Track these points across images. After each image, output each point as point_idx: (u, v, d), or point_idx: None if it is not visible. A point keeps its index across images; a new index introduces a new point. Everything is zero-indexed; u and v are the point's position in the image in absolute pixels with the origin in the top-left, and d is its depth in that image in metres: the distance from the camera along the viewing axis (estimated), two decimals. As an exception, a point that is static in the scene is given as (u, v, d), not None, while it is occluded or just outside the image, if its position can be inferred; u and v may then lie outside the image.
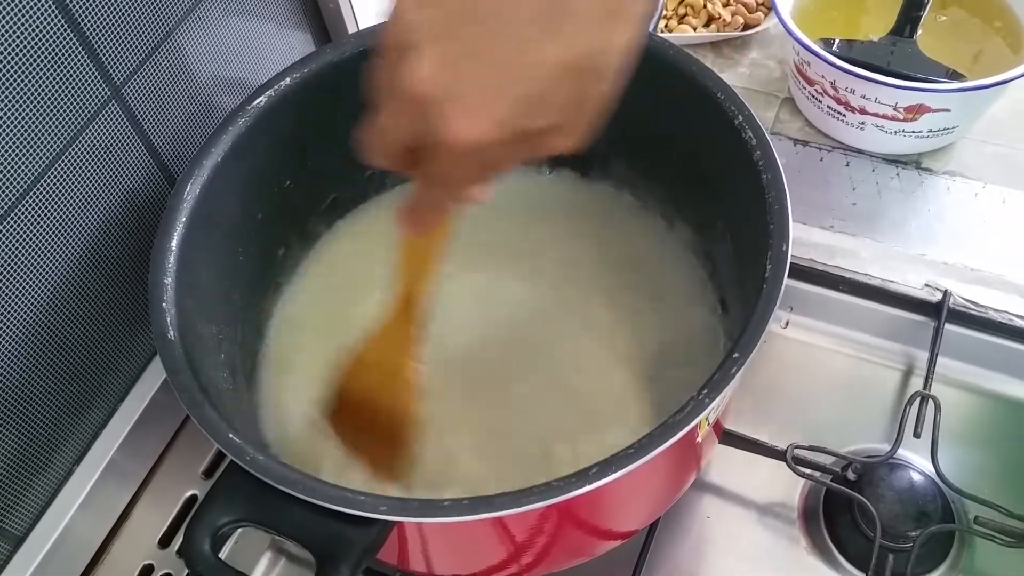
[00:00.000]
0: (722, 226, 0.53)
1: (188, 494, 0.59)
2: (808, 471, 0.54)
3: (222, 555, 0.39)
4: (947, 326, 0.59)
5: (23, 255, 0.46)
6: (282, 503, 0.38)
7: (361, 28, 0.65)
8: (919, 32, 0.67)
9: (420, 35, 0.30)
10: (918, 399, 0.56)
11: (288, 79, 0.53)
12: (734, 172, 0.48)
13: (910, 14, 0.67)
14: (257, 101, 0.52)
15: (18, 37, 0.41)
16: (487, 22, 0.30)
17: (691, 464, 0.50)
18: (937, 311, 0.60)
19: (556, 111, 0.32)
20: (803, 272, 0.63)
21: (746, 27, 0.75)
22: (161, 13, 0.50)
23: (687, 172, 0.55)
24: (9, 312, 0.46)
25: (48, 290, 0.48)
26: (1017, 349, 0.59)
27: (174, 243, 0.47)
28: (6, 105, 0.42)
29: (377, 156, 0.34)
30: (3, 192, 0.43)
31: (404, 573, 0.51)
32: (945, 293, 0.60)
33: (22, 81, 0.42)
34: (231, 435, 0.40)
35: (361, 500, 0.37)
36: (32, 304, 0.47)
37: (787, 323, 0.64)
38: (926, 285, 0.61)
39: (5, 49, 0.41)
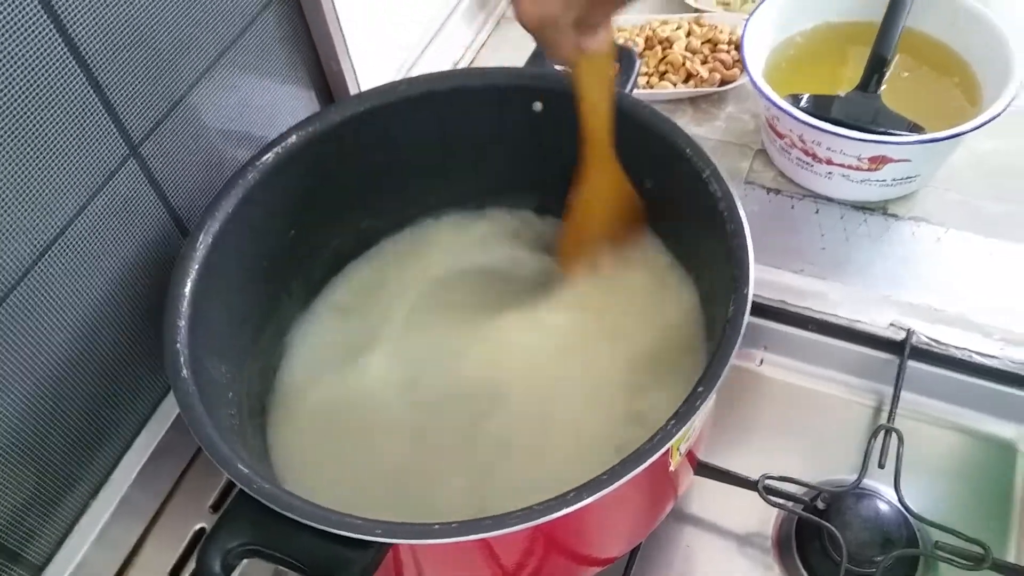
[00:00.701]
0: (698, 268, 0.57)
1: (197, 527, 0.62)
2: (779, 500, 0.58)
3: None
4: (910, 363, 0.63)
5: (45, 304, 0.50)
6: (286, 528, 0.42)
7: (362, 90, 0.70)
8: (883, 87, 0.71)
9: None
10: (882, 432, 0.60)
11: (294, 136, 0.57)
12: (703, 221, 0.52)
13: (875, 71, 0.72)
14: (265, 157, 0.56)
15: (43, 100, 0.45)
16: None
17: (667, 492, 0.53)
18: (901, 349, 0.63)
19: None
20: (775, 313, 0.67)
21: (723, 83, 0.80)
22: (179, 75, 0.55)
23: (667, 218, 0.60)
24: (32, 358, 0.50)
25: (67, 336, 0.52)
26: (976, 384, 0.62)
27: (187, 289, 0.51)
28: (31, 164, 0.46)
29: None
30: (28, 246, 0.47)
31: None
32: (909, 332, 0.64)
33: (47, 141, 0.46)
34: (240, 466, 0.43)
35: (358, 524, 0.41)
36: (52, 350, 0.51)
37: (762, 361, 0.68)
38: (891, 324, 0.65)
39: (31, 110, 0.45)
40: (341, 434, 0.58)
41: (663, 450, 0.42)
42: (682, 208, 0.55)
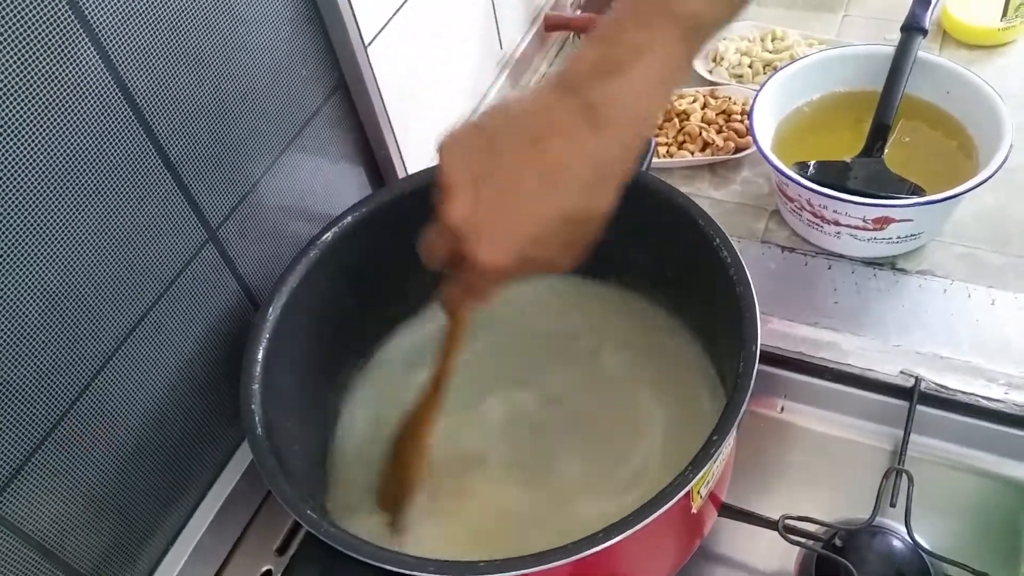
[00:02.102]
0: (711, 327, 0.63)
1: (264, 569, 0.68)
2: (799, 539, 0.62)
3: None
4: (919, 408, 0.67)
5: (134, 374, 0.57)
6: (349, 567, 0.48)
7: (409, 173, 0.77)
8: (886, 152, 0.77)
9: (457, 184, 0.43)
10: (893, 473, 0.64)
11: (349, 217, 0.65)
12: (714, 284, 0.58)
13: (878, 137, 0.77)
14: (324, 236, 0.64)
15: (133, 197, 0.53)
16: (506, 183, 0.43)
17: (692, 532, 0.58)
18: (910, 395, 0.68)
19: (554, 247, 0.44)
20: (794, 363, 0.72)
21: (737, 150, 0.86)
22: (251, 166, 0.62)
23: (681, 282, 0.66)
24: (121, 420, 0.57)
25: (152, 400, 0.59)
26: (982, 427, 0.67)
27: (259, 355, 0.58)
28: (122, 253, 0.53)
29: (429, 259, 0.47)
30: (119, 325, 0.54)
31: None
32: (917, 379, 0.68)
33: (136, 233, 0.54)
34: (309, 512, 0.50)
35: (412, 562, 0.47)
36: (139, 412, 0.58)
37: (782, 408, 0.73)
38: (901, 372, 0.69)
39: (121, 208, 0.52)
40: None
41: (682, 493, 0.47)
42: (695, 273, 0.61)
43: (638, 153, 0.44)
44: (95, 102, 0.49)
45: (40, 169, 0.46)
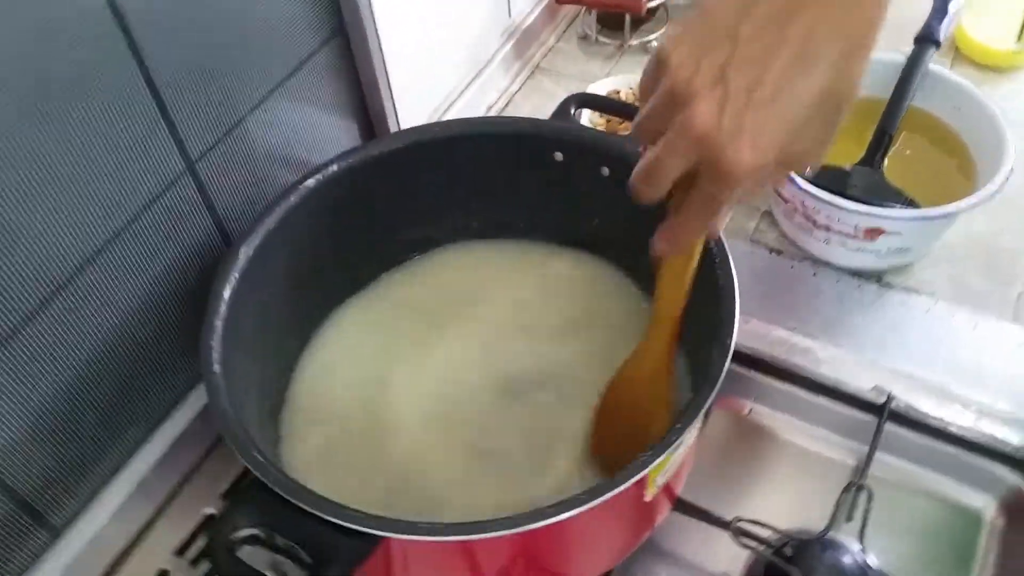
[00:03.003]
0: (686, 316, 0.62)
1: (207, 512, 0.66)
2: (750, 543, 0.61)
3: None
4: (888, 425, 0.67)
5: (98, 295, 0.55)
6: (291, 515, 0.46)
7: (401, 128, 0.76)
8: (886, 162, 0.76)
9: (699, 84, 0.38)
10: (853, 488, 0.64)
11: (335, 165, 0.63)
12: (698, 273, 0.56)
13: (879, 146, 0.76)
14: (307, 182, 0.62)
15: (111, 116, 0.51)
16: (755, 71, 0.38)
17: (643, 521, 0.58)
18: (880, 411, 0.67)
19: (811, 135, 0.40)
20: (766, 366, 0.71)
21: (738, 146, 0.84)
22: (238, 103, 0.61)
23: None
24: (79, 342, 0.55)
25: (113, 325, 0.57)
26: (949, 452, 0.66)
27: (226, 293, 0.56)
28: (99, 170, 0.52)
29: (654, 188, 0.42)
30: (88, 242, 0.53)
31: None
32: (889, 396, 0.67)
33: (111, 153, 0.52)
34: (256, 455, 0.48)
35: (355, 516, 0.45)
36: (98, 336, 0.57)
37: (751, 410, 0.72)
38: (874, 387, 0.68)
39: (98, 126, 0.51)
40: (349, 433, 0.63)
41: (637, 477, 0.46)
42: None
43: (882, 22, 0.39)
44: (79, 10, 0.47)
45: (15, 71, 0.45)
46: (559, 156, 0.65)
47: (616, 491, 0.46)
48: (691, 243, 0.48)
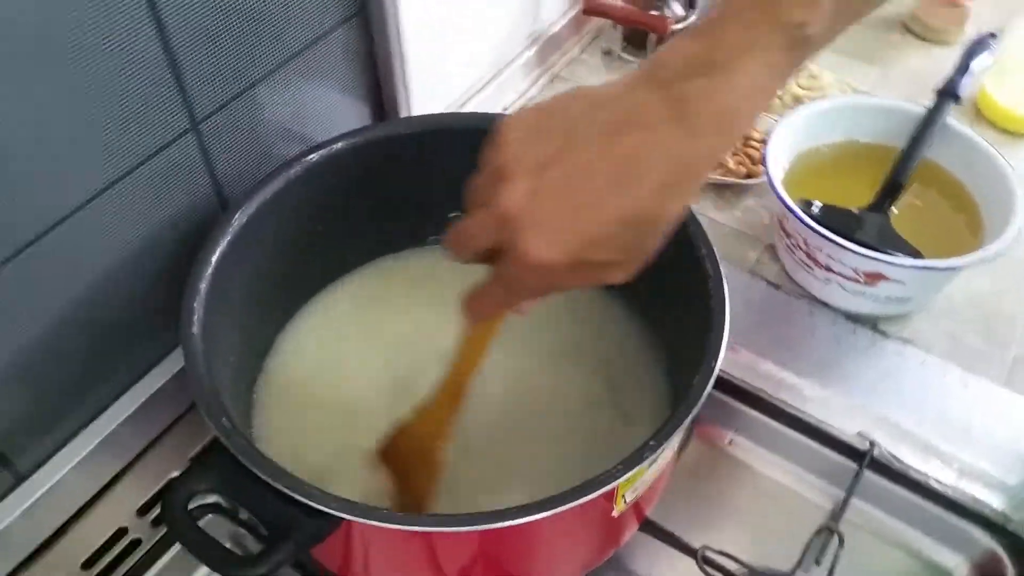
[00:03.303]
0: (673, 332, 0.61)
1: (173, 474, 0.65)
2: (714, 572, 0.60)
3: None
4: (867, 473, 0.66)
5: (88, 242, 0.54)
6: (252, 485, 0.46)
7: (412, 114, 0.75)
8: (894, 211, 0.75)
9: (518, 167, 0.39)
10: (825, 531, 0.63)
11: (341, 143, 0.62)
12: (690, 294, 0.56)
13: (889, 194, 0.76)
14: (311, 156, 0.61)
15: (120, 65, 0.50)
16: (573, 173, 0.38)
17: (609, 536, 0.57)
18: (861, 458, 0.66)
19: (613, 252, 0.39)
20: (752, 399, 0.70)
21: (747, 176, 0.84)
22: (250, 68, 0.60)
23: (654, 281, 0.63)
24: (63, 287, 0.54)
25: (98, 275, 0.56)
26: (926, 508, 0.65)
27: (214, 257, 0.55)
28: (101, 115, 0.51)
29: (460, 252, 0.42)
30: (83, 187, 0.52)
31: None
32: (872, 443, 0.66)
33: (116, 102, 0.51)
34: (224, 420, 0.48)
35: (316, 494, 0.45)
36: (83, 283, 0.56)
37: (731, 441, 0.71)
38: (858, 433, 0.67)
39: (106, 73, 0.50)
40: (320, 415, 0.62)
41: (605, 489, 0.45)
42: (671, 278, 0.59)
43: (718, 162, 0.40)
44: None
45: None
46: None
47: (582, 500, 0.45)
48: (490, 315, 0.47)
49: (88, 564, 0.61)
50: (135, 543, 0.62)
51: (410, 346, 0.66)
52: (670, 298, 0.61)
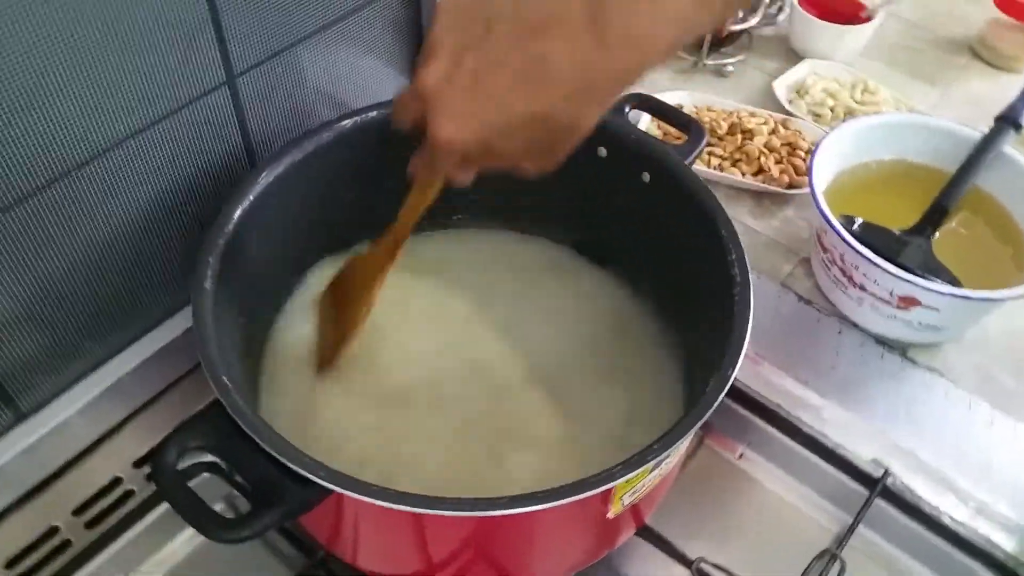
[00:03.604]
0: (694, 335, 0.59)
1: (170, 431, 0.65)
2: (709, 585, 0.59)
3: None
4: (878, 501, 0.64)
5: (117, 184, 0.54)
6: (245, 447, 0.45)
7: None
8: (937, 236, 0.73)
9: (440, 49, 0.40)
10: (828, 556, 0.61)
11: (375, 112, 0.61)
12: (714, 298, 0.54)
13: (933, 218, 0.73)
14: (344, 122, 0.60)
15: (161, 11, 0.50)
16: (487, 63, 0.39)
17: (603, 537, 0.55)
18: (874, 485, 0.64)
19: (521, 143, 0.41)
20: (768, 413, 0.68)
21: (790, 186, 0.82)
22: (291, 27, 0.59)
23: (679, 281, 0.62)
24: (80, 228, 0.54)
25: (123, 219, 0.56)
26: (935, 543, 0.63)
27: (236, 213, 0.55)
28: (131, 61, 0.50)
29: (396, 118, 0.45)
30: (117, 128, 0.52)
31: (331, 556, 0.58)
32: (887, 472, 0.64)
33: (153, 47, 0.51)
34: (224, 378, 0.47)
35: (307, 462, 0.44)
36: (107, 225, 0.56)
37: (741, 455, 0.70)
38: (873, 460, 0.65)
39: (146, 18, 0.49)
40: (329, 385, 0.62)
41: (601, 489, 0.44)
42: (698, 279, 0.57)
43: (633, 81, 0.40)
44: None
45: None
46: (603, 152, 0.62)
47: (577, 498, 0.44)
48: (425, 179, 0.50)
49: (79, 510, 0.61)
50: (128, 494, 0.62)
51: (424, 320, 0.66)
52: (694, 300, 0.59)
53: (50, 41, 0.45)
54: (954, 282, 0.68)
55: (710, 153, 0.84)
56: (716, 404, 0.48)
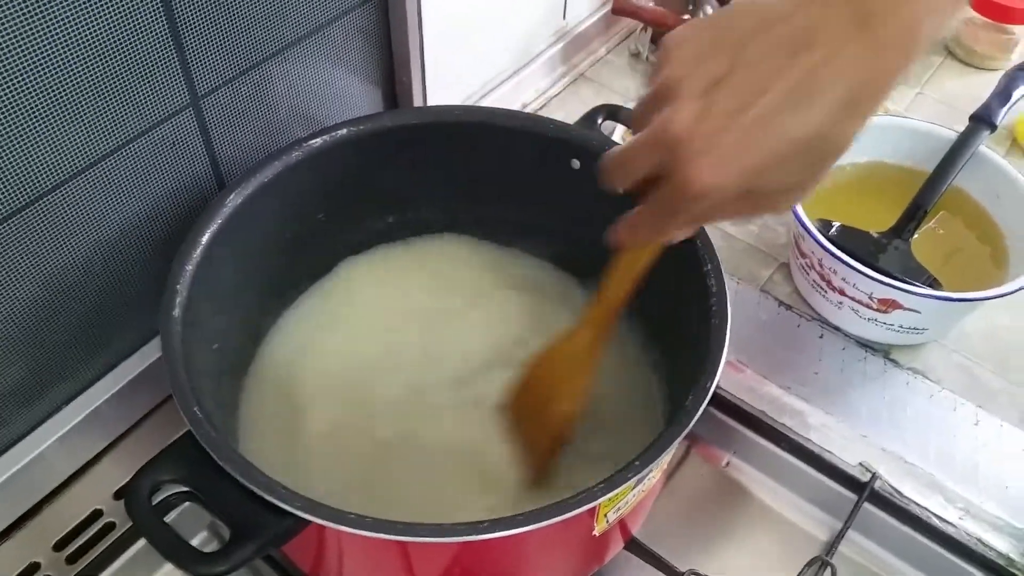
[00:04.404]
0: (672, 345, 0.59)
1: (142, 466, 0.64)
2: (699, 598, 0.58)
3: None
4: (866, 505, 0.63)
5: (78, 213, 0.53)
6: (218, 479, 0.44)
7: (427, 104, 0.73)
8: (915, 236, 0.73)
9: (686, 89, 0.37)
10: (818, 563, 0.60)
11: (345, 129, 0.61)
12: (691, 308, 0.54)
13: (911, 219, 0.73)
14: (313, 141, 0.60)
15: (118, 32, 0.49)
16: (741, 92, 0.36)
17: (591, 556, 0.55)
18: (862, 489, 0.64)
19: (783, 177, 0.37)
20: (752, 421, 0.68)
21: (767, 191, 0.81)
22: (258, 45, 0.58)
23: (658, 294, 0.61)
24: (52, 257, 0.53)
25: (88, 248, 0.55)
26: (924, 545, 0.63)
27: (204, 238, 0.54)
28: (92, 88, 0.49)
29: (619, 177, 0.40)
30: (76, 157, 0.51)
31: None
32: (874, 475, 0.64)
33: (113, 71, 0.50)
34: (195, 409, 0.46)
35: (282, 492, 0.43)
36: (72, 256, 0.54)
37: (728, 463, 0.69)
38: (859, 464, 0.65)
39: (104, 39, 0.48)
40: (307, 409, 0.61)
41: (584, 508, 0.43)
42: (673, 289, 0.57)
43: (896, 85, 0.37)
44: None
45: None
46: (576, 164, 0.62)
47: (561, 518, 0.43)
48: (644, 241, 0.46)
49: (60, 545, 0.60)
50: (109, 526, 0.61)
51: (407, 336, 0.65)
52: (672, 313, 0.59)
53: (7, 68, 0.44)
54: (934, 283, 0.68)
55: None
56: (696, 417, 0.47)
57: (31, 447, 0.59)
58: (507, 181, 0.66)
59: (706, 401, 0.48)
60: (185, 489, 0.51)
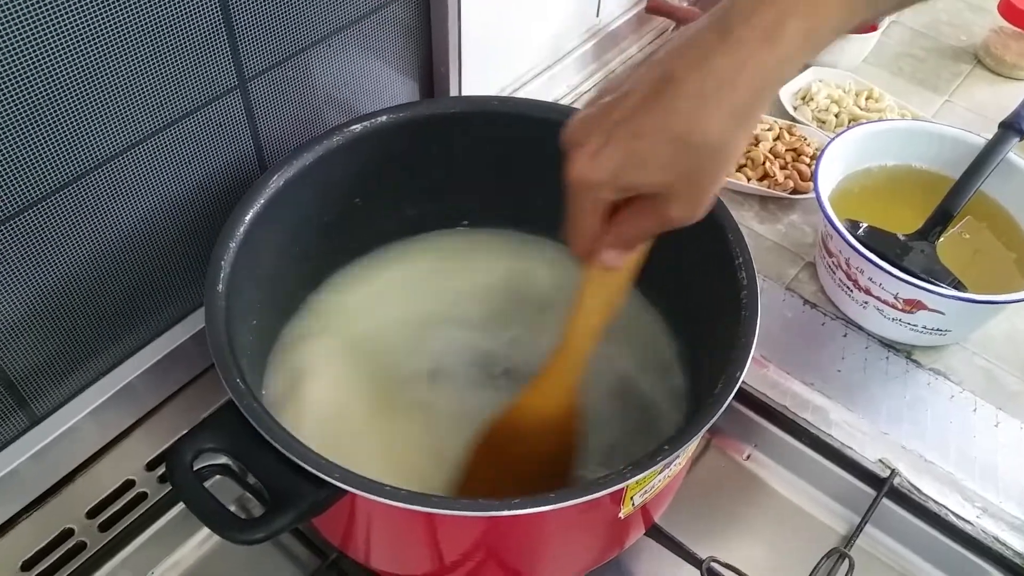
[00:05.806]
0: (701, 339, 0.60)
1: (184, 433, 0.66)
2: (718, 586, 0.59)
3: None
4: (885, 501, 0.64)
5: (127, 187, 0.55)
6: (259, 449, 0.45)
7: (463, 94, 0.74)
8: (941, 240, 0.73)
9: (582, 140, 0.41)
10: (836, 555, 0.61)
11: (384, 116, 0.62)
12: (721, 300, 0.55)
13: (938, 222, 0.74)
14: (353, 127, 0.61)
15: (173, 11, 0.50)
16: (614, 104, 0.40)
17: (614, 537, 0.56)
18: (881, 485, 0.64)
19: (658, 173, 0.39)
20: (775, 416, 0.69)
21: (795, 192, 0.82)
22: (303, 32, 0.60)
23: (687, 286, 0.62)
24: (93, 232, 0.55)
25: (130, 225, 0.57)
26: (942, 542, 0.63)
27: (248, 216, 0.55)
28: (145, 66, 0.51)
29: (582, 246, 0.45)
30: (127, 133, 0.52)
31: (344, 558, 0.58)
32: (893, 472, 0.65)
33: (166, 50, 0.51)
34: (238, 380, 0.48)
35: (321, 463, 0.44)
36: (118, 229, 0.56)
37: (749, 456, 0.70)
38: (879, 460, 0.66)
39: (159, 17, 0.50)
40: (340, 385, 0.62)
41: (612, 489, 0.45)
42: (705, 281, 0.58)
43: (773, 75, 0.38)
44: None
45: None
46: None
47: (588, 498, 0.44)
48: (580, 252, 0.46)
49: (93, 513, 0.61)
50: (141, 496, 0.63)
51: (434, 324, 0.66)
52: (701, 303, 0.60)
53: (62, 46, 0.46)
54: (958, 286, 0.69)
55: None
56: (725, 406, 0.48)
57: (67, 417, 0.60)
58: (542, 172, 0.66)
59: (735, 390, 0.49)
60: (220, 461, 0.52)
